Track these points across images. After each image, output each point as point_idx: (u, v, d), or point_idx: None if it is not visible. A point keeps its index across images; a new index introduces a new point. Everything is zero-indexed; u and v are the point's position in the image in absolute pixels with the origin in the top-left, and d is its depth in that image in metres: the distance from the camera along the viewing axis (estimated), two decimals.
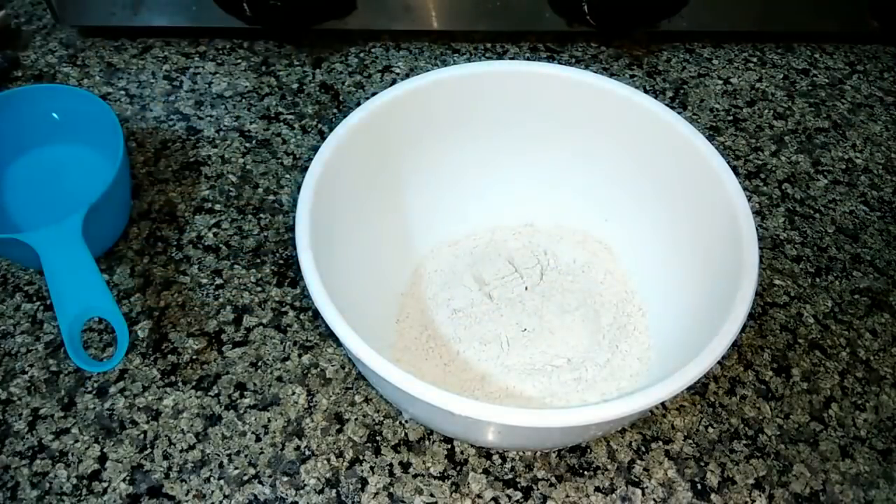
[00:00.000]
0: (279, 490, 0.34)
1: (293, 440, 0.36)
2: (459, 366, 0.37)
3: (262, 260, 0.43)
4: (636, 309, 0.39)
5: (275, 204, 0.45)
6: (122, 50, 0.54)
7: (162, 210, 0.45)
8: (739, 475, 0.35)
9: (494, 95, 0.39)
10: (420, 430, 0.36)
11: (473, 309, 0.39)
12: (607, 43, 0.56)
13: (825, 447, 0.36)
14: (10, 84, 0.52)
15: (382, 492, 0.34)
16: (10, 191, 0.44)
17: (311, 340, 0.39)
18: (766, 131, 0.51)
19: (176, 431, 0.36)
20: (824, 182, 0.48)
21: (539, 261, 0.41)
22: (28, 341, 0.39)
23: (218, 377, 0.38)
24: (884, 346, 0.40)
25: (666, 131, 0.36)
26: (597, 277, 0.40)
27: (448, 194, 0.41)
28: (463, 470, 0.35)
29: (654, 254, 0.39)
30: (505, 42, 0.56)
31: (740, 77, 0.54)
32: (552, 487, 0.35)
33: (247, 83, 0.52)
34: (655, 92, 0.53)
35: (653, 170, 0.38)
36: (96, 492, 0.34)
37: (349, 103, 0.51)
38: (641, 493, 0.35)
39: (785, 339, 0.40)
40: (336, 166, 0.35)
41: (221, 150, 0.48)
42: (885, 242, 0.45)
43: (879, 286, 0.43)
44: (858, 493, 0.35)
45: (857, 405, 0.38)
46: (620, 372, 0.37)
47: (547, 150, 0.41)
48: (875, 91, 0.54)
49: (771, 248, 0.44)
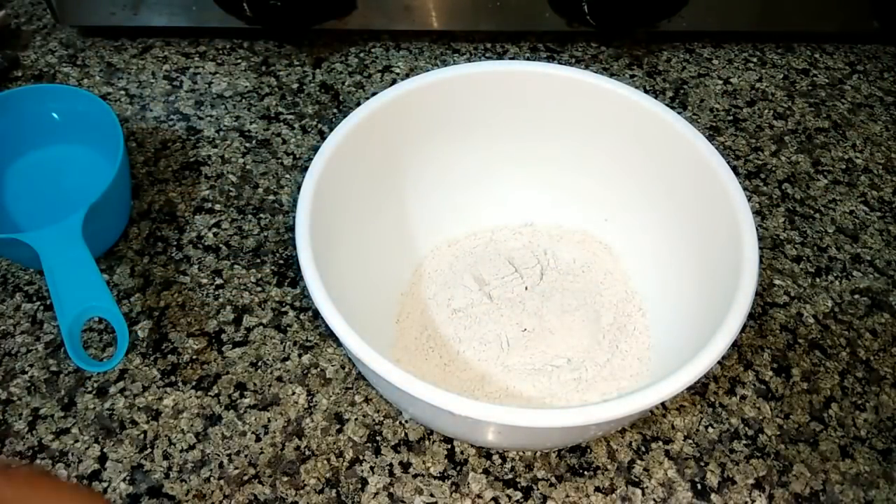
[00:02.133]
0: (279, 490, 0.34)
1: (293, 440, 0.36)
2: (459, 366, 0.37)
3: (262, 260, 0.43)
4: (636, 309, 0.39)
5: (275, 204, 0.45)
6: (122, 50, 0.54)
7: (162, 210, 0.45)
8: (739, 475, 0.35)
9: (494, 95, 0.39)
10: (420, 430, 0.36)
11: (473, 309, 0.39)
12: (607, 43, 0.56)
13: (825, 447, 0.36)
14: (10, 84, 0.52)
15: (382, 492, 0.34)
16: (10, 191, 0.44)
17: (311, 340, 0.39)
18: (766, 131, 0.51)
19: (176, 431, 0.36)
20: (824, 182, 0.48)
21: (539, 261, 0.41)
22: (28, 341, 0.39)
23: (218, 377, 0.38)
24: (884, 346, 0.40)
25: (666, 131, 0.36)
26: (597, 277, 0.40)
27: (448, 194, 0.41)
28: (463, 470, 0.35)
29: (654, 254, 0.39)
30: (505, 42, 0.56)
31: (740, 77, 0.54)
32: (552, 487, 0.35)
33: (247, 83, 0.52)
34: (655, 92, 0.53)
35: (653, 170, 0.38)
36: (96, 492, 0.34)
37: (349, 103, 0.51)
38: (641, 493, 0.35)
39: (785, 339, 0.40)
40: (336, 166, 0.35)
41: (221, 150, 0.48)
42: (885, 242, 0.45)
43: (879, 286, 0.43)
44: (858, 493, 0.35)
45: (857, 405, 0.38)
46: (620, 372, 0.37)
47: (547, 150, 0.41)
48: (875, 91, 0.54)
49: (771, 248, 0.44)
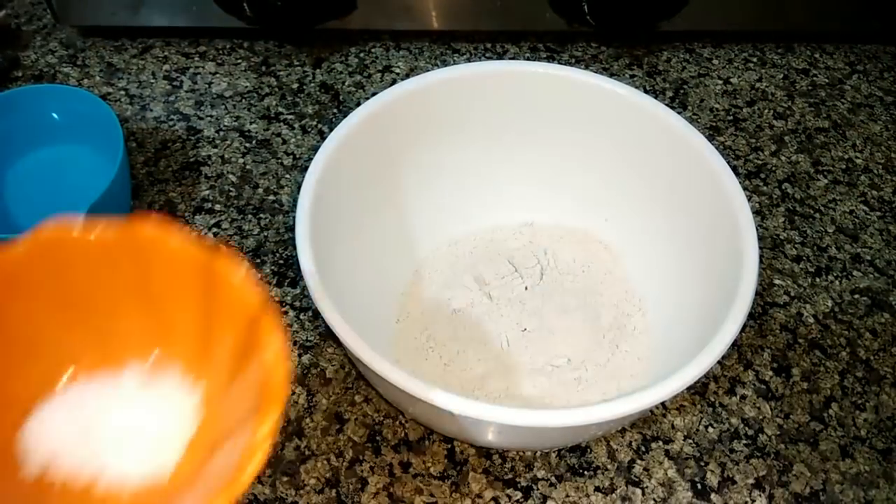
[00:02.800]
0: (279, 490, 0.34)
1: (293, 440, 0.36)
2: (459, 366, 0.37)
3: (262, 260, 0.43)
4: (636, 309, 0.39)
5: (275, 204, 0.45)
6: (122, 50, 0.54)
7: (162, 210, 0.45)
8: (739, 475, 0.35)
9: (494, 95, 0.39)
10: (420, 430, 0.36)
11: (473, 309, 0.39)
12: (607, 43, 0.56)
13: (825, 447, 0.36)
14: (10, 84, 0.52)
15: (382, 492, 0.34)
16: (10, 191, 0.44)
17: (311, 340, 0.39)
18: (766, 131, 0.51)
19: None
20: (824, 182, 0.48)
21: (539, 261, 0.41)
22: None
23: None
24: (884, 346, 0.40)
25: (666, 131, 0.36)
26: (597, 277, 0.40)
27: (448, 194, 0.41)
28: (463, 470, 0.35)
29: (654, 253, 0.39)
30: (505, 42, 0.56)
31: (740, 77, 0.54)
32: (552, 487, 0.35)
33: (247, 83, 0.52)
34: (655, 92, 0.53)
35: (653, 170, 0.38)
36: None
37: (349, 103, 0.51)
38: (641, 493, 0.35)
39: (785, 338, 0.40)
40: (336, 166, 0.35)
41: (221, 150, 0.48)
42: (885, 242, 0.45)
43: (879, 286, 0.43)
44: (858, 493, 0.35)
45: (857, 405, 0.38)
46: (620, 372, 0.37)
47: (547, 149, 0.41)
48: (875, 91, 0.54)
49: (771, 248, 0.44)
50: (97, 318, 0.25)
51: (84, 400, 0.22)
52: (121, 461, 0.22)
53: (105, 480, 0.21)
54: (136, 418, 0.23)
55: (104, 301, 0.24)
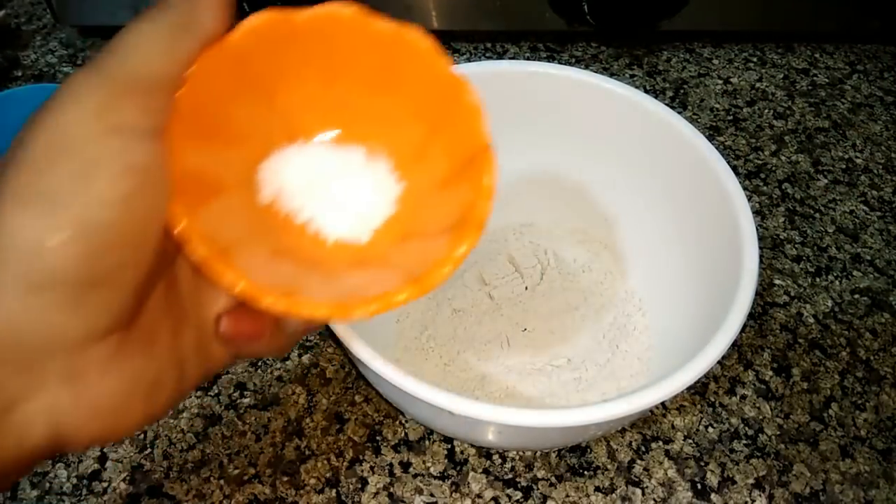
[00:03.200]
0: (279, 490, 0.34)
1: (293, 440, 0.36)
2: (459, 366, 0.37)
3: None
4: (636, 309, 0.39)
5: None
6: None
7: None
8: (739, 475, 0.35)
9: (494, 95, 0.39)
10: (420, 430, 0.36)
11: (474, 309, 0.39)
12: (607, 43, 0.56)
13: (825, 447, 0.36)
14: (10, 84, 0.52)
15: (382, 492, 0.34)
16: None
17: (311, 340, 0.39)
18: (766, 131, 0.51)
19: (176, 431, 0.36)
20: (824, 182, 0.48)
21: (539, 260, 0.41)
22: None
23: (218, 377, 0.38)
24: (884, 346, 0.40)
25: (666, 131, 0.36)
26: (597, 277, 0.40)
27: None
28: (463, 470, 0.35)
29: (654, 253, 0.39)
30: (505, 42, 0.56)
31: (740, 77, 0.54)
32: (552, 487, 0.35)
33: None
34: (655, 92, 0.53)
35: (653, 169, 0.38)
36: (96, 492, 0.34)
37: None
38: (641, 493, 0.35)
39: (785, 338, 0.40)
40: None
41: None
42: (885, 242, 0.45)
43: (879, 286, 0.43)
44: (858, 493, 0.35)
45: (857, 405, 0.38)
46: (620, 372, 0.37)
47: (547, 149, 0.41)
48: (875, 91, 0.54)
49: (771, 247, 0.44)
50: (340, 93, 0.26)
51: (315, 157, 0.25)
52: (333, 215, 0.25)
53: (315, 225, 0.25)
54: (353, 187, 0.25)
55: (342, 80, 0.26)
